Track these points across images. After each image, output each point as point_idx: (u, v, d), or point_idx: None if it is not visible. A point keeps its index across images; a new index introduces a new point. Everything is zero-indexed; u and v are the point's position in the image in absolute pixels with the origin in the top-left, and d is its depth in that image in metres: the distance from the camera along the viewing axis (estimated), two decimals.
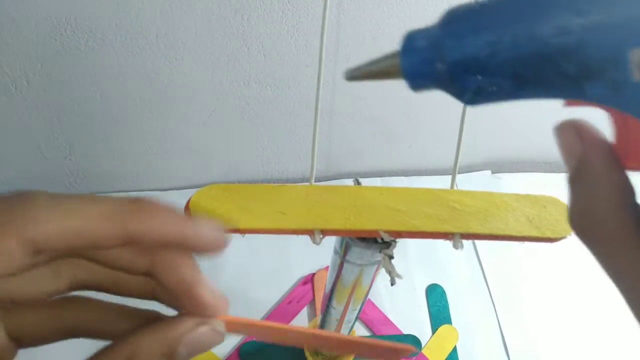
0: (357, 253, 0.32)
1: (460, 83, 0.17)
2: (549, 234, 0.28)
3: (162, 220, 0.19)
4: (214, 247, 0.20)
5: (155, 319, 0.22)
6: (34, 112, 0.62)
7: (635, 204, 0.17)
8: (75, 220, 0.18)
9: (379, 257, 0.32)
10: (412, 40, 0.18)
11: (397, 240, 0.30)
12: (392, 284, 0.29)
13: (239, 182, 0.78)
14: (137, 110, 0.65)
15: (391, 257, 0.30)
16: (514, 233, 0.28)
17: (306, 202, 0.30)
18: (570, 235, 0.28)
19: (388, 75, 0.20)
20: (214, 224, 0.20)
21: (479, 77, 0.17)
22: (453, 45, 0.17)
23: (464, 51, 0.17)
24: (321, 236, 0.29)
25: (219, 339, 0.21)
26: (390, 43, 0.19)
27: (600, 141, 0.17)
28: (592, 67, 0.15)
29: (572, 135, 0.18)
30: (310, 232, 0.29)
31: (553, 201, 0.30)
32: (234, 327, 0.22)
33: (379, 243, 0.31)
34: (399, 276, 0.29)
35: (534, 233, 0.28)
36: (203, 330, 0.21)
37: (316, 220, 0.29)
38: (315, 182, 0.34)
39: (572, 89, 0.16)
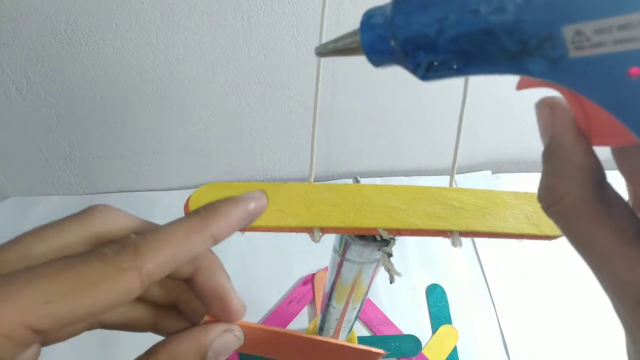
0: (356, 251, 0.32)
1: (412, 59, 0.18)
2: (547, 232, 0.28)
3: (231, 213, 0.22)
4: (262, 208, 0.24)
5: (177, 313, 0.25)
6: (34, 112, 0.62)
7: (603, 182, 0.17)
8: (173, 246, 0.20)
9: (377, 255, 0.32)
10: (369, 17, 0.19)
11: (396, 238, 0.30)
12: (391, 282, 0.29)
13: (239, 182, 0.78)
14: (137, 111, 0.65)
15: (390, 255, 0.30)
16: (512, 231, 0.28)
17: (305, 200, 0.30)
18: None
19: (352, 52, 0.21)
20: (254, 194, 0.24)
21: (429, 54, 0.17)
22: (403, 22, 0.18)
23: (413, 28, 0.17)
24: (320, 234, 0.29)
25: (238, 344, 0.24)
26: None
27: (569, 118, 0.18)
28: (530, 44, 0.16)
29: (546, 111, 0.18)
30: (309, 230, 0.29)
31: None
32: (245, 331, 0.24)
33: (377, 241, 0.31)
34: (398, 274, 0.29)
35: (532, 231, 0.28)
36: (228, 336, 0.23)
37: (315, 218, 0.29)
38: (315, 181, 0.34)
39: (514, 65, 0.16)
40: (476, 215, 0.29)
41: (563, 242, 0.31)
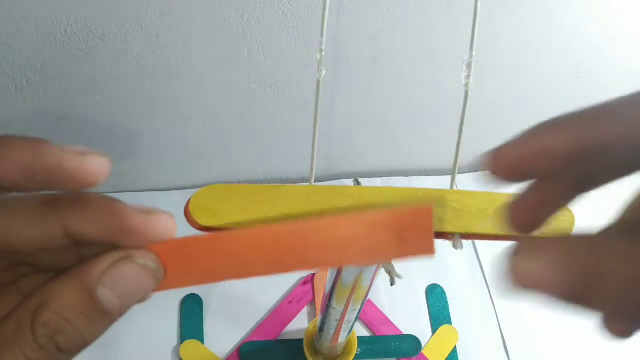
0: None
1: None
2: (548, 233, 0.28)
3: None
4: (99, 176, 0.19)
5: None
6: (34, 112, 0.62)
7: None
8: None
9: None
10: None
11: None
12: (391, 284, 0.29)
13: (239, 182, 0.78)
14: (137, 111, 0.65)
15: None
16: (513, 233, 0.28)
17: (306, 202, 0.30)
18: (570, 234, 0.28)
19: None
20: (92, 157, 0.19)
21: None
22: None
23: None
24: None
25: (150, 277, 0.18)
26: (390, 43, 0.19)
27: None
28: None
29: None
30: None
31: None
32: (172, 257, 0.18)
33: None
34: (399, 276, 0.29)
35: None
36: (126, 267, 0.17)
37: None
38: (315, 182, 0.34)
39: None
40: (477, 218, 0.29)
41: None
